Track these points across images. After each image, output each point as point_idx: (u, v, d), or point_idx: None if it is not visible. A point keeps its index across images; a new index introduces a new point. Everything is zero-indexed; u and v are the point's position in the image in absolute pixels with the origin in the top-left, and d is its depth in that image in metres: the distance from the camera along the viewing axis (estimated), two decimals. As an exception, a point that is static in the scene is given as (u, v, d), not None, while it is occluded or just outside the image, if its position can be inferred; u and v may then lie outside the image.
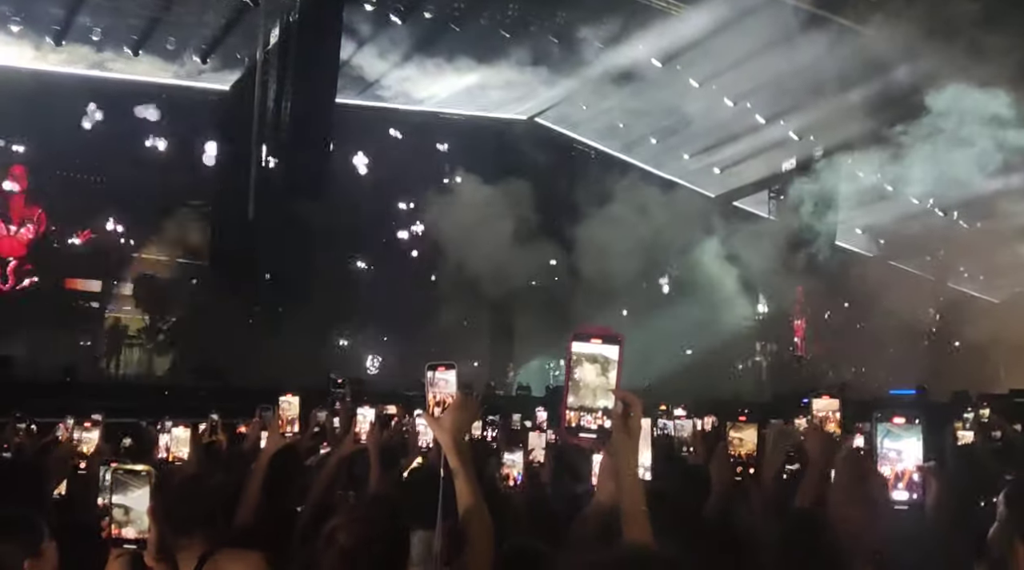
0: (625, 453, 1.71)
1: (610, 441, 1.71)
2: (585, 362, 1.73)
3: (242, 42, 17.56)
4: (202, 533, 2.46)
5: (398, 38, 18.09)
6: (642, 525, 1.72)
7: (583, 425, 1.73)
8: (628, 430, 1.71)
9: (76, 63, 17.30)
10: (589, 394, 1.73)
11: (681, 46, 18.25)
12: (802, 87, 18.47)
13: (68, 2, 15.76)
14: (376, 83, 19.58)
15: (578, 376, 1.73)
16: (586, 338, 1.73)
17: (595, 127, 23.20)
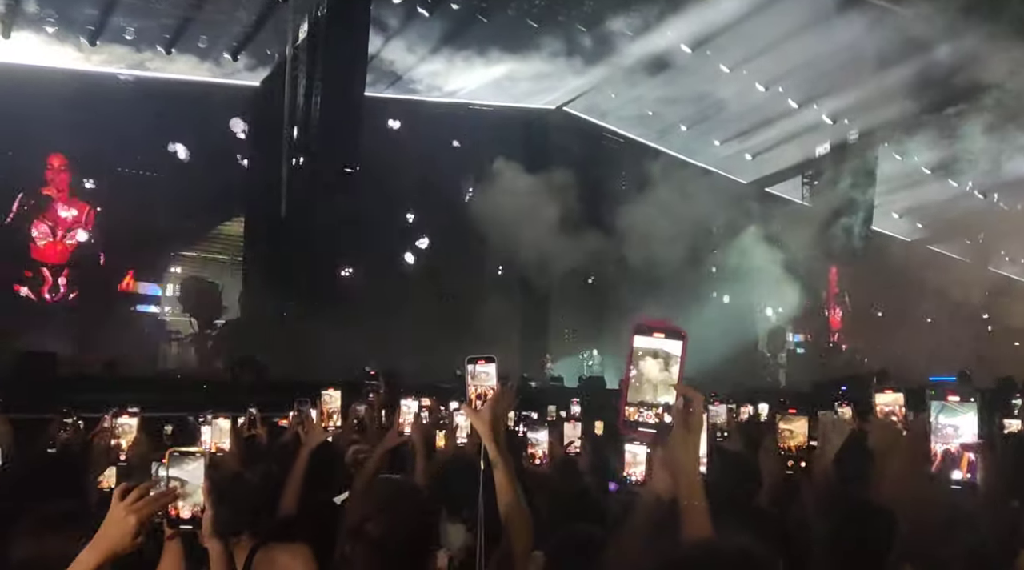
0: (685, 449, 1.67)
1: (669, 436, 1.67)
2: (647, 356, 1.68)
3: (272, 38, 17.64)
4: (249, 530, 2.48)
5: (426, 30, 18.07)
6: (703, 521, 1.68)
7: (642, 420, 1.69)
8: (689, 426, 1.67)
9: (116, 63, 17.54)
10: (650, 389, 1.69)
11: (711, 31, 18.01)
12: (836, 70, 18.14)
13: (102, 4, 15.95)
14: (405, 76, 19.60)
15: (639, 370, 1.69)
16: (648, 332, 1.69)
17: (624, 115, 23.01)
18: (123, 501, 1.99)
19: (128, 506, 1.99)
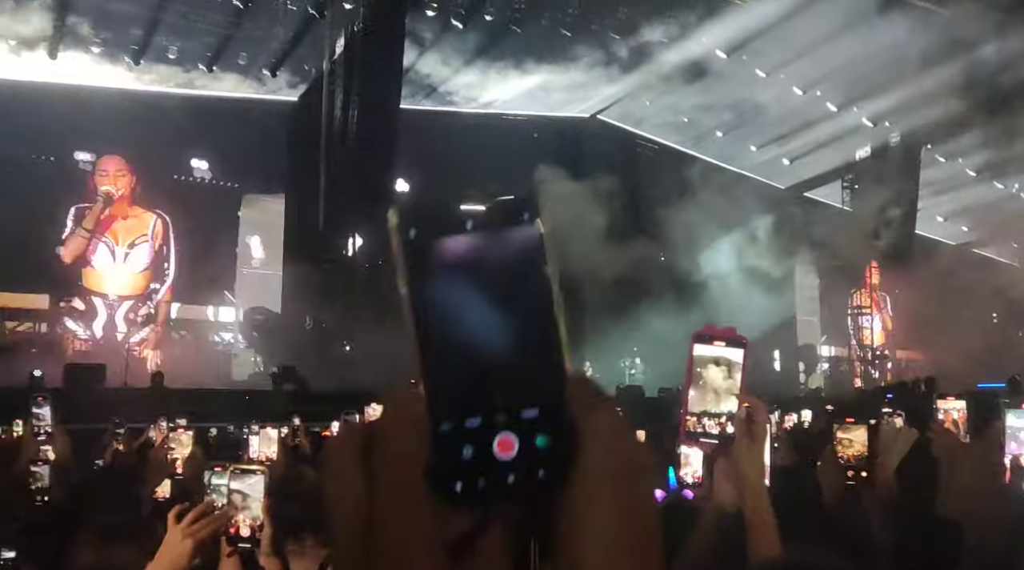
0: (750, 460, 1.62)
1: (732, 447, 1.63)
2: (708, 365, 1.65)
3: (309, 54, 17.88)
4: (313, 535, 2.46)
5: (460, 42, 18.18)
6: (771, 536, 1.62)
7: (704, 430, 1.65)
8: (753, 436, 1.62)
9: (166, 82, 17.96)
10: (711, 398, 1.65)
11: (746, 36, 17.85)
12: (876, 71, 17.85)
13: (146, 24, 16.31)
14: (440, 87, 19.73)
15: (700, 379, 1.66)
16: (709, 340, 1.65)
17: (659, 122, 22.90)
18: (179, 524, 1.99)
19: (184, 529, 1.98)
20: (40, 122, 16.34)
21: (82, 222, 18.73)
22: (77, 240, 18.55)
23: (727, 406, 1.64)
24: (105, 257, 18.87)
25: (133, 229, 19.24)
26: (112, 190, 18.94)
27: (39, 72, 16.62)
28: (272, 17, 16.89)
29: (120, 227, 19.12)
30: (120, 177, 18.94)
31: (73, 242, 18.54)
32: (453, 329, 0.58)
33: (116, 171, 18.86)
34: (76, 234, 18.57)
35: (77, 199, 18.61)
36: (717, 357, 1.64)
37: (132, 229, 19.23)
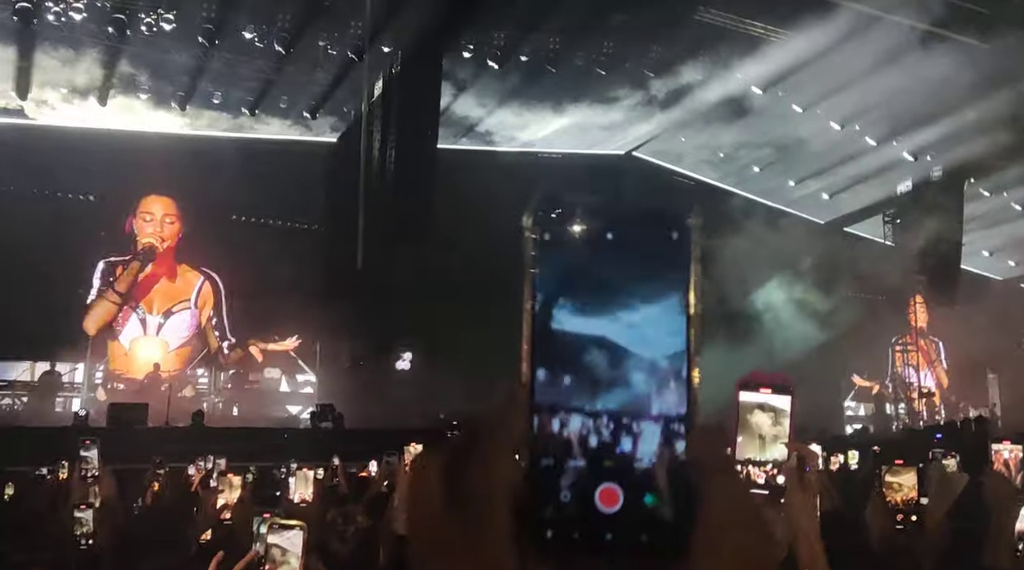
0: (803, 510, 1.59)
1: (785, 498, 1.59)
2: (754, 411, 1.62)
3: (348, 96, 18.27)
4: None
5: (496, 82, 18.44)
6: None
7: (753, 480, 1.62)
8: (805, 486, 1.58)
9: (212, 126, 18.36)
10: (759, 445, 1.62)
11: (782, 71, 17.80)
12: (916, 106, 17.65)
13: (192, 70, 16.85)
14: (476, 127, 19.99)
15: (747, 426, 1.63)
16: (755, 387, 1.63)
17: (695, 159, 22.87)
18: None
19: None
20: (81, 164, 16.19)
21: (113, 282, 16.40)
22: (105, 306, 16.38)
23: (775, 453, 1.61)
24: (135, 330, 16.39)
25: (174, 293, 17.14)
26: (155, 243, 16.99)
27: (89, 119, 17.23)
28: (312, 62, 17.33)
29: (159, 291, 16.92)
30: (167, 224, 17.14)
31: (100, 308, 16.41)
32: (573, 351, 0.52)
33: (164, 217, 17.03)
34: (105, 297, 16.22)
35: (110, 247, 16.50)
36: (763, 404, 1.62)
37: (173, 293, 17.12)
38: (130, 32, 15.49)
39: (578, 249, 0.54)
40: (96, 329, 16.26)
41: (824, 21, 15.43)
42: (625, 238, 0.54)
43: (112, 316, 16.42)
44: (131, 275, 16.64)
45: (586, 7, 15.62)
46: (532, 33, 17.00)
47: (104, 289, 16.45)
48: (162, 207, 17.42)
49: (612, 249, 0.54)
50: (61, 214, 16.20)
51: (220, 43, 16.11)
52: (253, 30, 16.12)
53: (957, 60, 15.56)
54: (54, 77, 16.30)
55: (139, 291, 16.94)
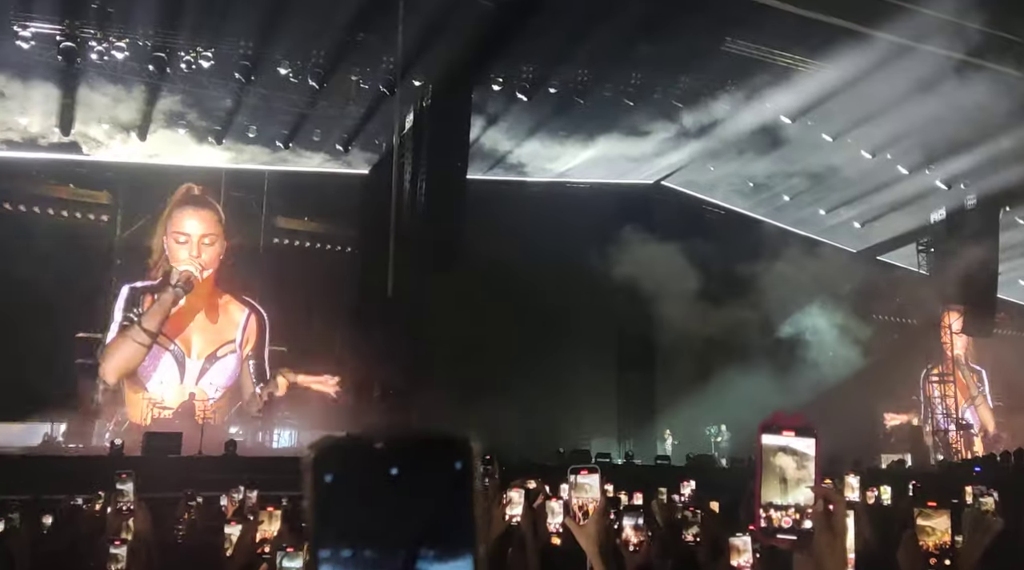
0: (831, 556, 1.57)
1: (813, 543, 1.58)
2: (779, 454, 1.62)
3: (380, 129, 18.59)
4: None
5: (525, 114, 18.64)
6: None
7: (781, 525, 1.61)
8: (834, 530, 1.57)
9: (258, 160, 18.63)
10: (782, 490, 1.62)
11: (812, 101, 17.79)
12: (948, 135, 17.50)
13: (228, 105, 17.28)
14: (506, 158, 20.18)
15: (771, 470, 1.63)
16: (777, 430, 1.62)
17: (725, 188, 22.84)
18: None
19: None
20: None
21: (139, 316, 13.56)
22: (131, 348, 13.43)
23: (801, 497, 1.60)
24: (169, 373, 13.61)
25: (218, 333, 14.66)
26: (193, 272, 14.80)
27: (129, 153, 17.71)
28: (345, 96, 17.69)
29: (200, 329, 14.30)
30: (206, 246, 14.77)
31: (125, 349, 13.50)
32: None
33: (202, 238, 14.65)
34: (129, 336, 13.26)
35: (136, 270, 14.20)
36: (786, 447, 1.62)
37: (217, 333, 14.62)
38: (170, 70, 15.95)
39: (362, 490, 0.54)
40: (118, 376, 13.49)
41: (855, 50, 15.41)
42: (410, 476, 0.55)
43: (140, 361, 13.58)
44: (163, 309, 13.93)
45: (614, 39, 15.78)
46: (560, 65, 17.21)
47: (128, 324, 13.52)
48: (200, 225, 15.37)
49: (397, 489, 0.54)
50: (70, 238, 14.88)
51: (256, 79, 16.51)
52: (288, 66, 16.51)
53: (991, 88, 15.44)
54: (97, 114, 16.79)
55: (172, 327, 14.35)
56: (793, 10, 14.52)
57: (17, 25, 14.70)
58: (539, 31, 15.50)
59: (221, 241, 15.60)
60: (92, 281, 14.27)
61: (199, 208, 15.34)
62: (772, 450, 1.63)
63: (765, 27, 15.54)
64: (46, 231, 14.56)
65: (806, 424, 1.65)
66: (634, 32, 15.44)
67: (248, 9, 14.75)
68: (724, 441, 19.03)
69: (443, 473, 0.55)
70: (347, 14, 15.01)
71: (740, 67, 17.26)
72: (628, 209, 22.00)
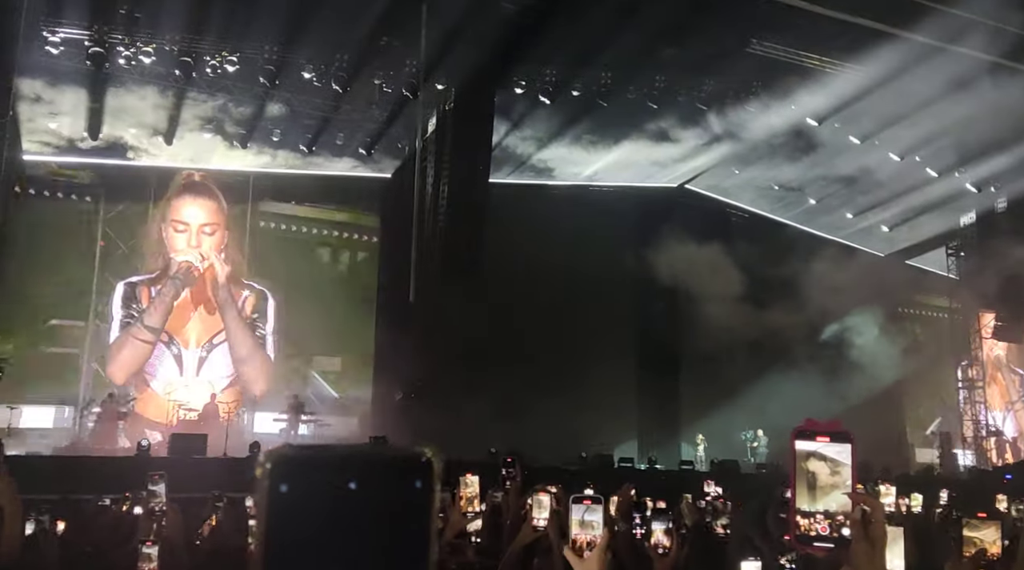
0: (868, 565, 1.55)
1: (851, 552, 1.56)
2: (811, 460, 1.60)
3: (402, 132, 18.67)
4: None
5: (548, 117, 18.63)
6: None
7: (818, 533, 1.59)
8: (872, 539, 1.55)
9: (277, 163, 18.82)
10: (820, 496, 1.59)
11: (838, 103, 17.63)
12: (978, 137, 17.26)
13: (254, 110, 17.44)
14: (528, 161, 20.18)
15: (805, 476, 1.61)
16: (811, 435, 1.60)
17: (749, 191, 22.68)
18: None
19: None
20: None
21: (140, 313, 13.38)
22: (135, 347, 13.32)
23: (837, 504, 1.58)
24: (169, 370, 13.58)
25: (215, 320, 14.34)
26: (194, 262, 14.59)
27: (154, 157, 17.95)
28: (368, 100, 17.78)
29: (197, 322, 14.00)
30: (206, 236, 14.36)
31: (129, 349, 13.37)
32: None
33: (201, 227, 14.25)
34: (132, 335, 13.21)
35: (132, 264, 13.98)
36: (820, 453, 1.60)
37: (214, 320, 14.32)
38: (196, 74, 16.13)
39: (317, 502, 0.54)
40: (126, 377, 13.45)
41: (882, 51, 15.25)
42: (367, 491, 0.54)
43: (145, 359, 13.45)
44: (165, 304, 13.57)
45: (637, 41, 15.72)
46: (583, 68, 17.17)
47: (129, 322, 13.37)
48: (200, 212, 15.08)
49: (353, 503, 0.54)
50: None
51: (280, 83, 16.65)
52: (312, 70, 16.63)
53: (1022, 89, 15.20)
54: (125, 118, 17.02)
55: (173, 322, 14.06)
56: (820, 11, 14.41)
57: (47, 31, 14.95)
58: (561, 34, 15.50)
59: (222, 230, 15.28)
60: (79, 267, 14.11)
61: (199, 196, 15.05)
62: (806, 456, 1.61)
63: (791, 28, 15.43)
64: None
65: (841, 429, 1.63)
66: (658, 34, 15.38)
67: (273, 14, 14.89)
68: (761, 446, 18.87)
69: (401, 490, 0.54)
70: (371, 19, 15.10)
71: (766, 69, 17.14)
72: (653, 212, 21.92)
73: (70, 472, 10.50)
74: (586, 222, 19.74)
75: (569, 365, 19.04)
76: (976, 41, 14.39)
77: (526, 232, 18.47)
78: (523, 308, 18.53)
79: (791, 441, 1.63)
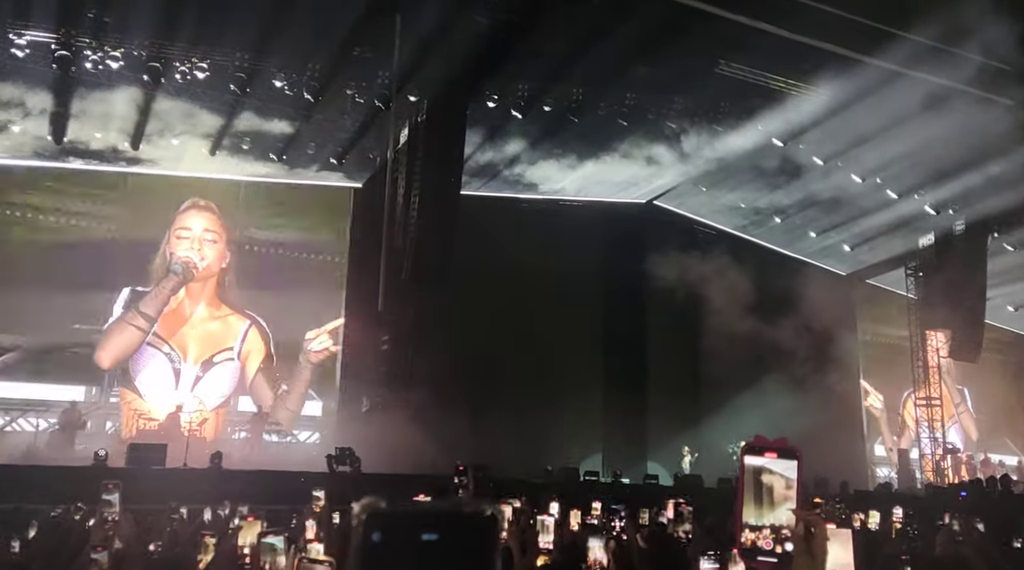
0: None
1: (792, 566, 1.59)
2: (762, 475, 1.63)
3: (374, 143, 18.62)
4: None
5: (519, 131, 18.72)
6: None
7: (760, 547, 1.62)
8: (813, 553, 1.58)
9: (245, 171, 18.61)
10: (766, 511, 1.63)
11: (803, 124, 17.96)
12: (938, 160, 17.70)
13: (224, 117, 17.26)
14: (498, 174, 20.25)
15: (752, 491, 1.64)
16: (759, 451, 1.64)
17: (716, 208, 22.98)
18: None
19: None
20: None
21: (139, 305, 13.91)
22: (128, 333, 13.81)
23: (782, 519, 1.61)
24: (162, 375, 13.74)
25: (216, 338, 14.74)
26: (194, 258, 15.15)
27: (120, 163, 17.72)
28: (340, 109, 17.71)
29: (197, 332, 14.45)
30: (208, 243, 15.00)
31: (121, 334, 13.88)
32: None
33: (204, 232, 15.07)
34: (127, 321, 13.65)
35: (137, 273, 14.61)
36: (769, 468, 1.63)
37: (214, 338, 14.72)
38: (164, 80, 15.95)
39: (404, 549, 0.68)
40: (112, 361, 13.81)
41: (846, 76, 15.57)
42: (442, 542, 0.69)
43: (135, 347, 13.79)
44: (162, 294, 14.02)
45: (608, 59, 15.90)
46: (555, 84, 17.30)
47: (127, 312, 13.86)
48: (203, 221, 15.85)
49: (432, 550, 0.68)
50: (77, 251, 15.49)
51: (251, 91, 16.53)
52: (283, 79, 16.54)
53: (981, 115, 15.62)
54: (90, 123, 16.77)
55: (169, 324, 14.39)
56: (786, 35, 14.68)
57: (13, 33, 14.70)
58: (534, 49, 15.61)
59: (224, 244, 15.90)
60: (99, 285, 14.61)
61: (202, 210, 15.94)
62: (755, 471, 1.64)
63: (759, 51, 15.70)
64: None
65: (789, 446, 1.66)
66: (629, 53, 15.56)
67: (245, 22, 14.80)
68: None
69: (471, 539, 0.69)
70: (344, 29, 15.08)
71: (733, 90, 17.41)
72: (621, 228, 22.12)
73: (25, 482, 10.26)
74: (555, 236, 19.86)
75: (537, 379, 19.09)
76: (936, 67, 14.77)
77: (495, 245, 18.52)
78: (491, 321, 18.55)
79: (740, 456, 1.66)
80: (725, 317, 18.93)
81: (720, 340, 18.98)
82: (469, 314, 18.02)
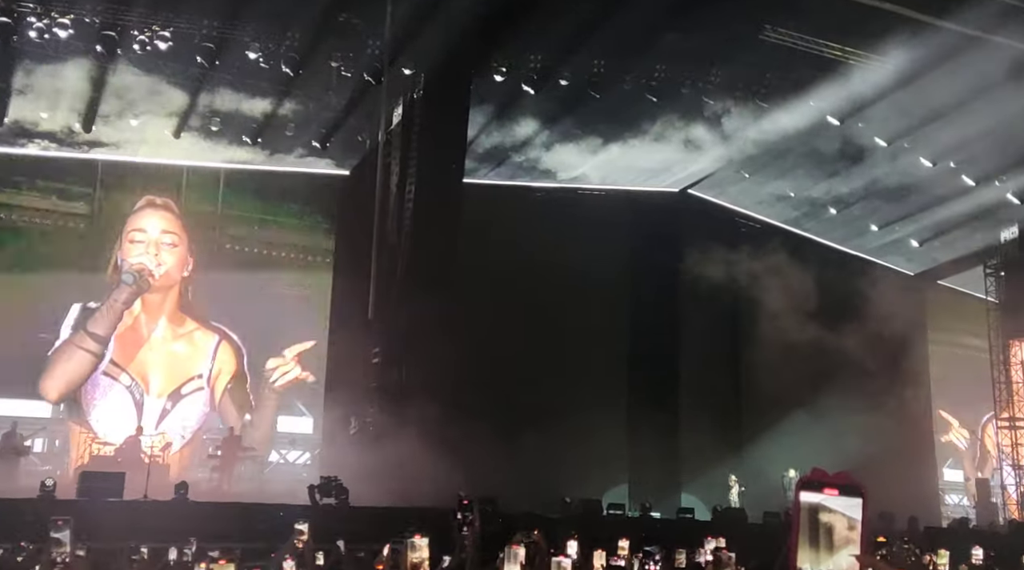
0: None
1: None
2: (819, 514, 1.63)
3: (363, 123, 18.65)
4: None
5: (532, 109, 18.70)
6: None
7: (818, 596, 1.61)
8: None
9: (215, 156, 18.73)
10: (823, 557, 1.62)
11: (863, 100, 17.86)
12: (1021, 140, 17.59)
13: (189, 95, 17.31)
14: (508, 159, 20.24)
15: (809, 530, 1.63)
16: (818, 487, 1.64)
17: (761, 198, 22.88)
18: None
19: None
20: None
21: (87, 325, 13.77)
22: (77, 358, 13.49)
23: (843, 566, 1.60)
24: (123, 410, 13.53)
25: (182, 363, 14.67)
26: (149, 265, 15.13)
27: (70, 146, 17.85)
28: (324, 85, 17.72)
29: (161, 358, 14.25)
30: (166, 247, 14.98)
31: (69, 360, 13.58)
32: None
33: (162, 235, 15.02)
34: (75, 344, 13.41)
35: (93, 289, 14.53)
36: (828, 506, 1.62)
37: (180, 363, 14.64)
38: (121, 51, 16.03)
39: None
40: (59, 393, 13.42)
41: (913, 42, 15.47)
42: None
43: (86, 374, 13.55)
44: (113, 311, 13.77)
45: (635, 25, 15.83)
46: (573, 54, 17.25)
47: (75, 334, 13.62)
48: (159, 222, 15.68)
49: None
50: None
51: (221, 64, 16.58)
52: (258, 50, 16.58)
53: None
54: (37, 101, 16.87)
55: (125, 347, 14.20)
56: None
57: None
58: (549, 14, 15.58)
59: (184, 248, 15.76)
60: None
61: (159, 209, 15.70)
62: (811, 509, 1.64)
63: (810, 13, 15.65)
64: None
65: (852, 482, 1.65)
66: (658, 17, 15.50)
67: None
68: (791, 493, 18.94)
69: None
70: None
71: (780, 59, 17.35)
72: (651, 222, 22.05)
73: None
74: (574, 230, 19.80)
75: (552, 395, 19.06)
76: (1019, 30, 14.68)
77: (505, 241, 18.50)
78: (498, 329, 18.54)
79: (795, 492, 1.66)
80: (772, 324, 18.85)
81: (765, 351, 18.91)
82: (473, 321, 17.98)
